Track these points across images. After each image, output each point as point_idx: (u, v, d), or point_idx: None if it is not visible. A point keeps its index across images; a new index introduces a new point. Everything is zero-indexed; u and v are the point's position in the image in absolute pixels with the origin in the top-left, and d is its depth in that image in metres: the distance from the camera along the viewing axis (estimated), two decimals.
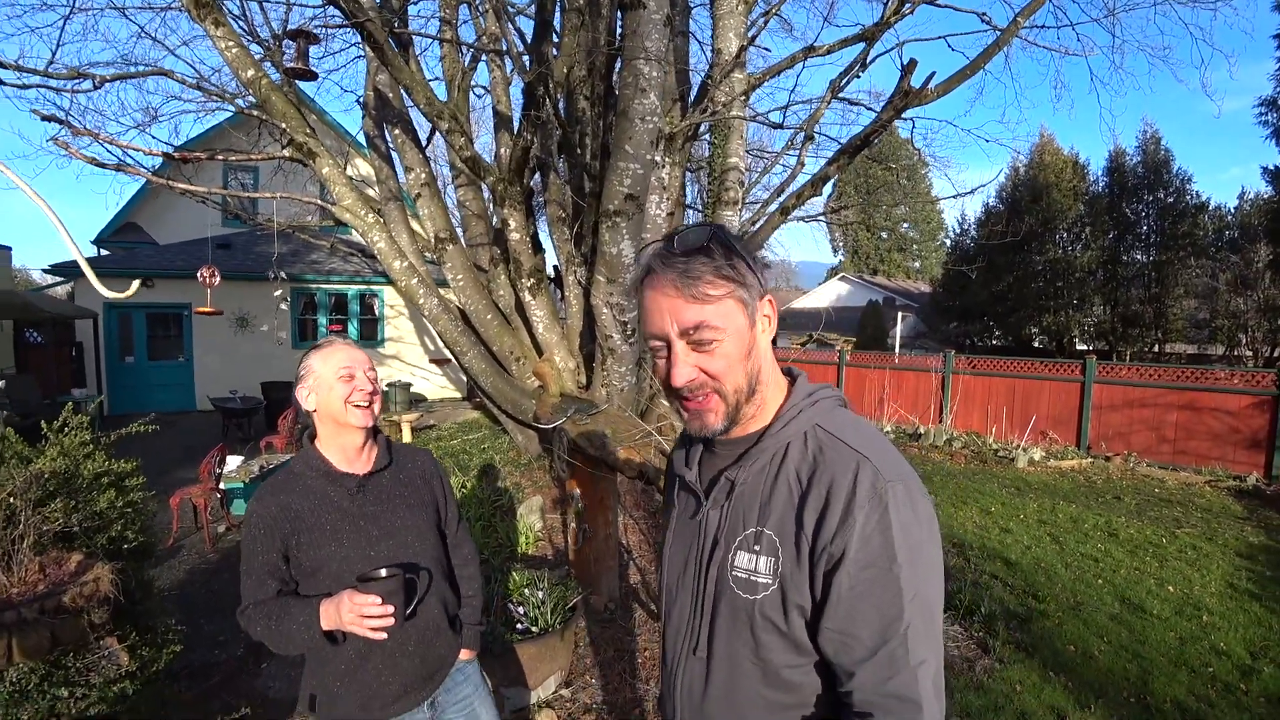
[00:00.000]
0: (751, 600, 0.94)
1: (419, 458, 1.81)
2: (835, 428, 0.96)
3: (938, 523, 0.93)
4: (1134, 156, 19.82)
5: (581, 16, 4.71)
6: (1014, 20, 4.99)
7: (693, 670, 1.03)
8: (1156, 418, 9.44)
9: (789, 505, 0.93)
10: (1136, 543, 5.88)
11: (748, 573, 0.95)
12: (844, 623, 0.87)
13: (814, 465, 0.93)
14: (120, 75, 5.27)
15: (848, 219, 13.88)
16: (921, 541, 0.87)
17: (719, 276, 0.92)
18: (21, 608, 1.75)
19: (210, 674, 3.45)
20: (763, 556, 0.94)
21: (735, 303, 0.93)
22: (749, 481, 0.99)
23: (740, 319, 0.93)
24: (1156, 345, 19.36)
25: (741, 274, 0.93)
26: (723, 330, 0.92)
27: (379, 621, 1.40)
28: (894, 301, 25.66)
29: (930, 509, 0.91)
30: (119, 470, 2.49)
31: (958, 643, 3.91)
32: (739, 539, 0.97)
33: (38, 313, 10.27)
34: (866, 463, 0.89)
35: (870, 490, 0.87)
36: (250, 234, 13.82)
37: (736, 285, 0.93)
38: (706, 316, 0.91)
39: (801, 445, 0.96)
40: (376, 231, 5.35)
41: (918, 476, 0.92)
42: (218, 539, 5.52)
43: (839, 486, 0.88)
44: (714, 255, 0.92)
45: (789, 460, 0.96)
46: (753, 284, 0.94)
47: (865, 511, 0.86)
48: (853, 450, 0.91)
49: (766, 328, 0.98)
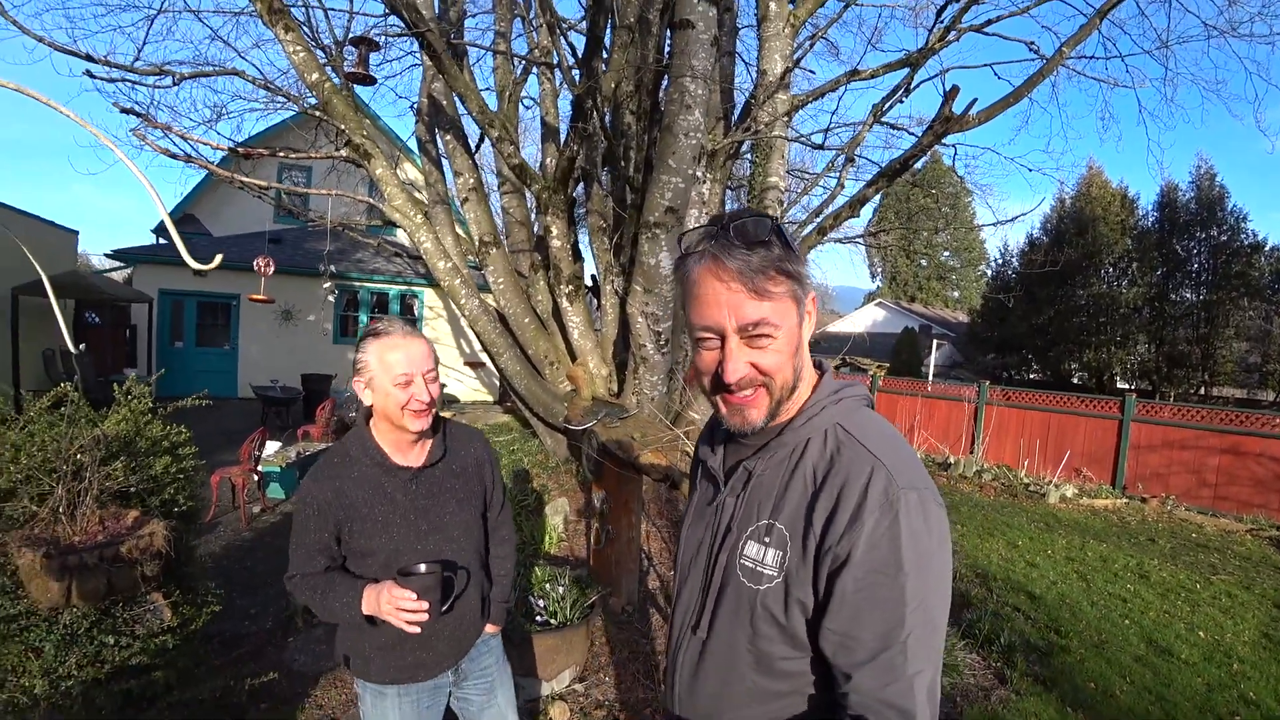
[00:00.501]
0: (755, 590, 0.95)
1: (473, 444, 1.81)
2: (856, 428, 0.96)
3: (949, 534, 0.92)
4: (1187, 192, 19.37)
5: (631, 34, 4.86)
6: (1059, 50, 4.99)
7: (692, 647, 1.06)
8: (1197, 460, 9.16)
9: (801, 501, 0.94)
10: (1168, 586, 5.73)
11: (755, 563, 0.96)
12: (845, 625, 0.87)
13: (830, 464, 0.93)
14: (197, 73, 5.58)
15: (887, 243, 13.79)
16: (930, 551, 0.87)
17: (780, 272, 0.91)
18: (83, 553, 1.89)
19: (240, 644, 3.59)
20: (771, 549, 0.95)
21: (791, 301, 0.93)
22: (766, 473, 1.00)
23: (793, 316, 0.94)
24: (1203, 387, 18.76)
25: (798, 270, 0.93)
26: (779, 327, 0.92)
27: (414, 616, 1.45)
28: (930, 329, 25.30)
29: (943, 520, 0.90)
30: (175, 438, 2.66)
31: (974, 671, 3.87)
32: (751, 529, 0.98)
33: (99, 294, 10.78)
34: (881, 467, 0.89)
35: (882, 495, 0.86)
36: (300, 231, 14.31)
37: (794, 283, 0.93)
38: (767, 314, 0.91)
39: (821, 442, 0.96)
40: (424, 232, 5.54)
41: (934, 485, 0.92)
42: (253, 519, 5.73)
43: (851, 488, 0.88)
44: (773, 248, 0.91)
45: (807, 456, 0.96)
46: (806, 281, 0.95)
47: (875, 517, 0.85)
48: (870, 453, 0.91)
49: (808, 324, 0.98)
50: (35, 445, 2.25)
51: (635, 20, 5.04)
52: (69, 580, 1.87)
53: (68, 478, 2.12)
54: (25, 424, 2.40)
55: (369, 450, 1.62)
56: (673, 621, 1.16)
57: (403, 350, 1.54)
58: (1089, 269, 19.61)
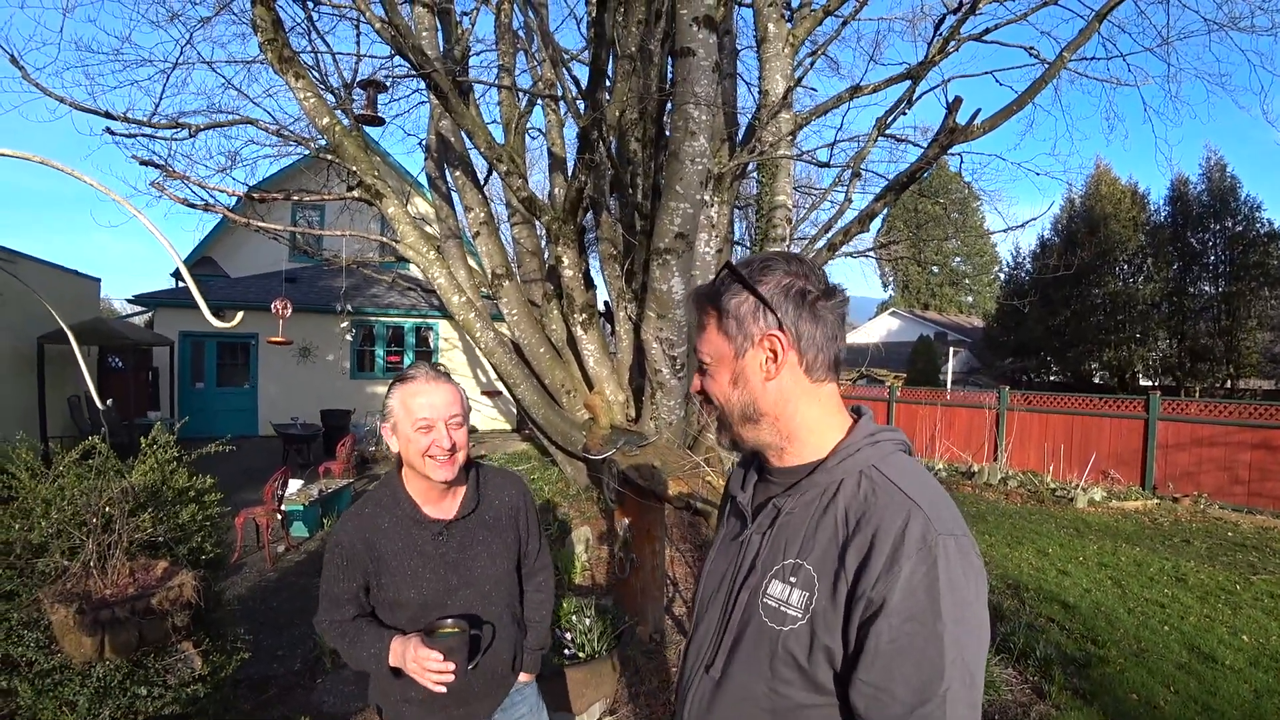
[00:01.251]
0: (777, 631, 0.92)
1: (508, 491, 1.76)
2: (892, 472, 0.94)
3: (986, 583, 0.89)
4: (1198, 185, 19.18)
5: (634, 63, 4.93)
6: (1060, 55, 5.00)
7: (704, 687, 1.02)
8: (1228, 457, 8.97)
9: (832, 543, 0.91)
10: (1207, 589, 5.58)
11: (779, 603, 0.94)
12: (880, 677, 0.83)
13: (864, 507, 0.91)
14: (213, 124, 5.74)
15: (897, 254, 13.78)
16: (969, 601, 0.84)
17: (712, 306, 1.00)
18: (115, 607, 1.91)
19: (268, 686, 3.59)
20: (797, 590, 0.92)
21: (719, 334, 1.00)
22: (796, 512, 0.98)
23: (723, 348, 0.99)
24: (1229, 381, 18.41)
25: (727, 307, 0.98)
26: (707, 355, 1.02)
27: (440, 677, 1.43)
28: (946, 337, 25.14)
29: (980, 568, 0.88)
30: (200, 487, 2.69)
31: (1011, 687, 3.78)
32: (776, 568, 0.96)
33: (121, 339, 11.00)
34: (919, 512, 0.86)
35: (920, 541, 0.84)
36: (315, 269, 14.55)
37: (721, 316, 0.99)
38: (698, 341, 1.03)
39: (855, 485, 0.94)
40: (437, 268, 5.62)
41: (970, 534, 0.90)
42: (278, 558, 5.76)
43: (886, 532, 0.86)
44: (717, 289, 1.00)
45: (840, 498, 0.94)
46: (742, 316, 0.96)
47: (913, 563, 0.83)
48: (906, 497, 0.89)
49: (766, 363, 0.97)
50: (65, 499, 2.29)
51: (637, 49, 5.12)
52: (101, 635, 1.89)
53: (98, 531, 2.15)
54: (55, 477, 2.44)
55: (400, 500, 1.60)
56: (685, 658, 1.12)
57: (425, 396, 1.52)
58: (1103, 267, 19.41)
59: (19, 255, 9.53)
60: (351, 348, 14.18)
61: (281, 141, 6.75)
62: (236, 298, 13.17)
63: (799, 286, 0.96)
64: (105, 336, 10.73)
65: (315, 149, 5.90)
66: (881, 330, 32.76)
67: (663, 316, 4.77)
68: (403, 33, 4.57)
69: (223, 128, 6.12)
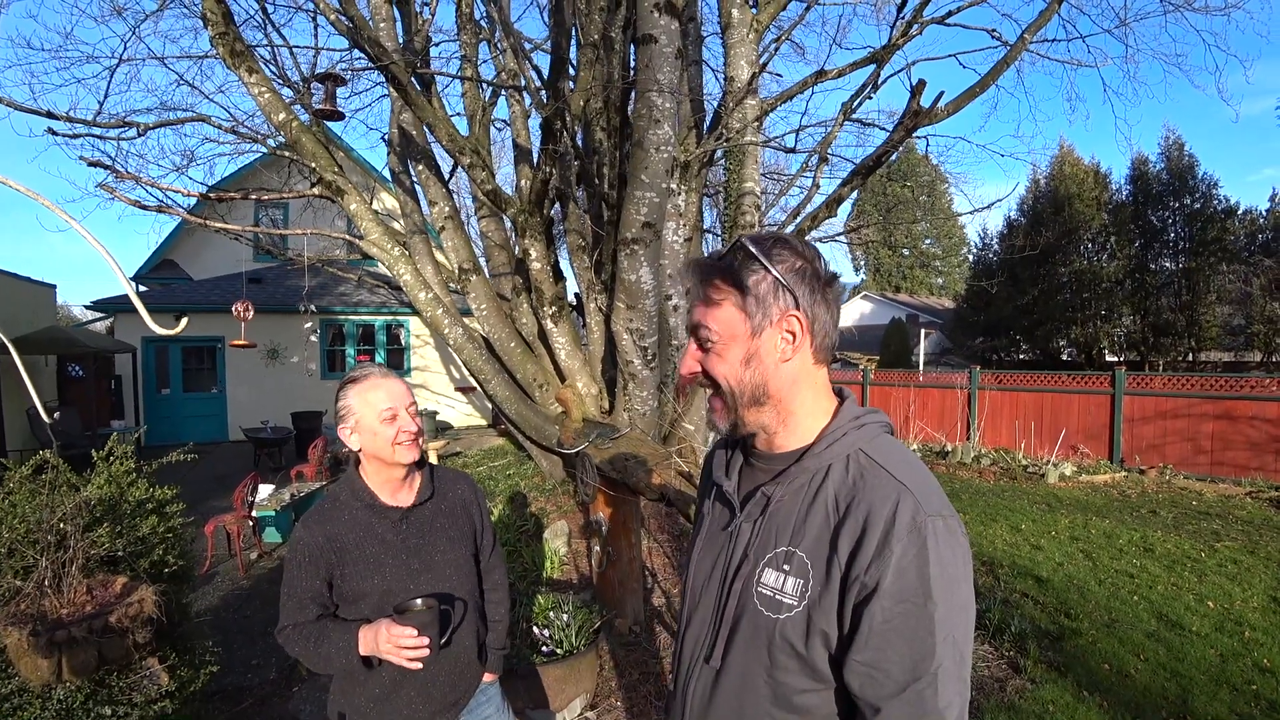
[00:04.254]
0: (774, 619, 0.93)
1: (460, 485, 1.83)
2: (879, 454, 0.95)
3: (972, 561, 0.92)
4: (1157, 163, 19.63)
5: (596, 51, 4.86)
6: (1021, 37, 5.04)
7: (704, 679, 1.03)
8: (1191, 428, 9.23)
9: (824, 528, 0.92)
10: (1174, 557, 5.74)
11: (774, 591, 0.94)
12: (873, 656, 0.85)
13: (854, 491, 0.92)
14: (162, 123, 5.55)
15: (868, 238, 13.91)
16: (958, 580, 0.86)
17: (724, 280, 0.96)
18: (71, 627, 1.85)
19: (243, 697, 3.53)
20: (791, 577, 0.93)
21: (735, 309, 0.95)
22: (785, 500, 0.98)
23: (739, 326, 0.95)
24: (1190, 354, 18.94)
25: (751, 282, 0.94)
26: (719, 334, 0.96)
27: (415, 652, 1.45)
28: (918, 318, 25.44)
29: (967, 548, 0.90)
30: (160, 498, 2.61)
31: (988, 663, 3.85)
32: (769, 556, 0.96)
33: (81, 347, 10.67)
34: (908, 494, 0.88)
35: (910, 523, 0.85)
36: (281, 269, 14.25)
37: (739, 293, 0.95)
38: (704, 317, 0.97)
39: (843, 469, 0.95)
40: (402, 264, 5.51)
41: (957, 514, 0.91)
42: (250, 565, 5.65)
43: (878, 515, 0.87)
44: (731, 263, 0.96)
45: (829, 483, 0.95)
46: (763, 294, 0.94)
47: (903, 544, 0.84)
48: (895, 480, 0.90)
49: (783, 344, 0.96)
50: (17, 517, 2.20)
51: (599, 38, 5.05)
52: (58, 656, 1.82)
53: (51, 548, 2.08)
54: (6, 494, 2.35)
55: (359, 493, 1.65)
56: (681, 651, 1.12)
57: (383, 389, 1.60)
58: (1068, 246, 19.80)
59: None
60: (321, 347, 13.94)
61: (239, 139, 6.56)
62: (199, 300, 12.85)
63: (812, 269, 0.96)
64: (63, 345, 10.40)
65: (272, 146, 5.75)
66: (854, 314, 33.09)
67: (632, 307, 4.74)
68: (358, 24, 4.45)
69: (175, 125, 5.93)
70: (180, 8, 6.46)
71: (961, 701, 0.86)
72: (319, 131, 5.54)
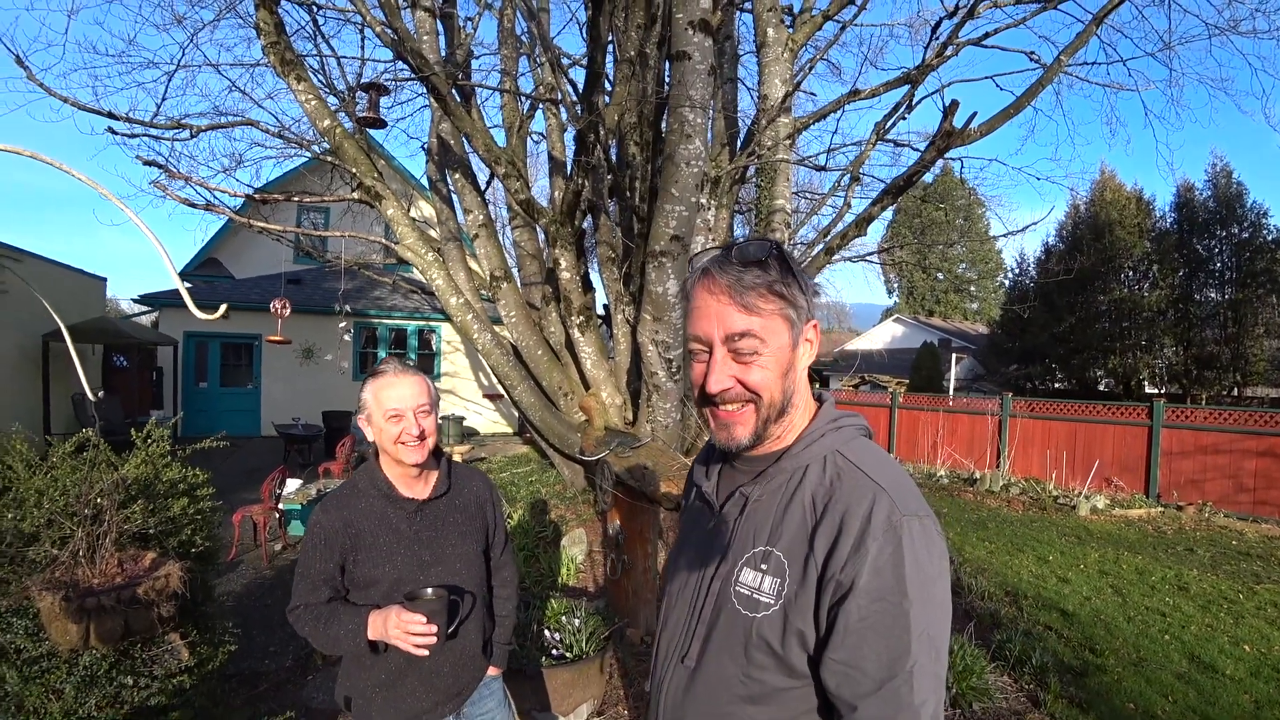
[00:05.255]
0: (751, 618, 0.93)
1: (475, 482, 1.87)
2: (855, 456, 0.96)
3: (949, 562, 0.92)
4: (1204, 191, 19.11)
5: (632, 67, 4.96)
6: (1056, 59, 5.00)
7: (679, 677, 1.03)
8: (1233, 465, 8.90)
9: (801, 529, 0.92)
10: (1209, 597, 5.54)
11: (751, 590, 0.94)
12: (849, 654, 0.85)
13: (830, 491, 0.92)
14: (214, 125, 5.79)
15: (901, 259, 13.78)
16: (933, 578, 0.87)
17: (771, 291, 0.93)
18: (101, 595, 1.93)
19: (259, 682, 3.61)
20: (768, 576, 0.93)
21: (782, 320, 0.94)
22: (764, 500, 0.98)
23: (784, 337, 0.94)
24: (1235, 388, 18.29)
25: (793, 294, 0.94)
26: (766, 344, 0.94)
27: (423, 639, 1.48)
28: (950, 343, 25.06)
29: (944, 547, 0.90)
30: (192, 480, 2.71)
31: (1006, 694, 3.76)
32: (747, 555, 0.97)
33: (126, 338, 11.08)
34: (883, 494, 0.89)
35: (885, 522, 0.86)
36: (319, 271, 14.63)
37: (786, 303, 0.94)
38: (753, 327, 0.93)
39: (820, 470, 0.96)
40: (435, 270, 5.64)
41: (933, 513, 0.92)
42: (274, 556, 5.78)
43: (854, 515, 0.88)
44: (770, 270, 0.94)
45: (806, 483, 0.95)
46: (802, 305, 0.96)
47: (879, 543, 0.85)
48: (871, 480, 0.91)
49: (808, 351, 0.98)
50: (58, 490, 2.31)
51: (635, 54, 5.15)
52: (87, 622, 1.90)
53: (88, 521, 2.17)
54: (48, 469, 2.46)
55: (376, 482, 1.69)
56: (657, 651, 1.13)
57: (395, 388, 1.62)
58: (1108, 274, 19.34)
59: (25, 253, 9.61)
60: (354, 349, 14.24)
61: (284, 144, 6.81)
62: (240, 298, 13.24)
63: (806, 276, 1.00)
64: (110, 335, 10.80)
65: (317, 151, 5.95)
66: (885, 337, 32.68)
67: (658, 319, 4.78)
68: (403, 37, 4.61)
69: (225, 129, 6.18)
70: (235, 18, 6.75)
71: (936, 699, 0.86)
72: (361, 139, 5.73)
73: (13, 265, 8.25)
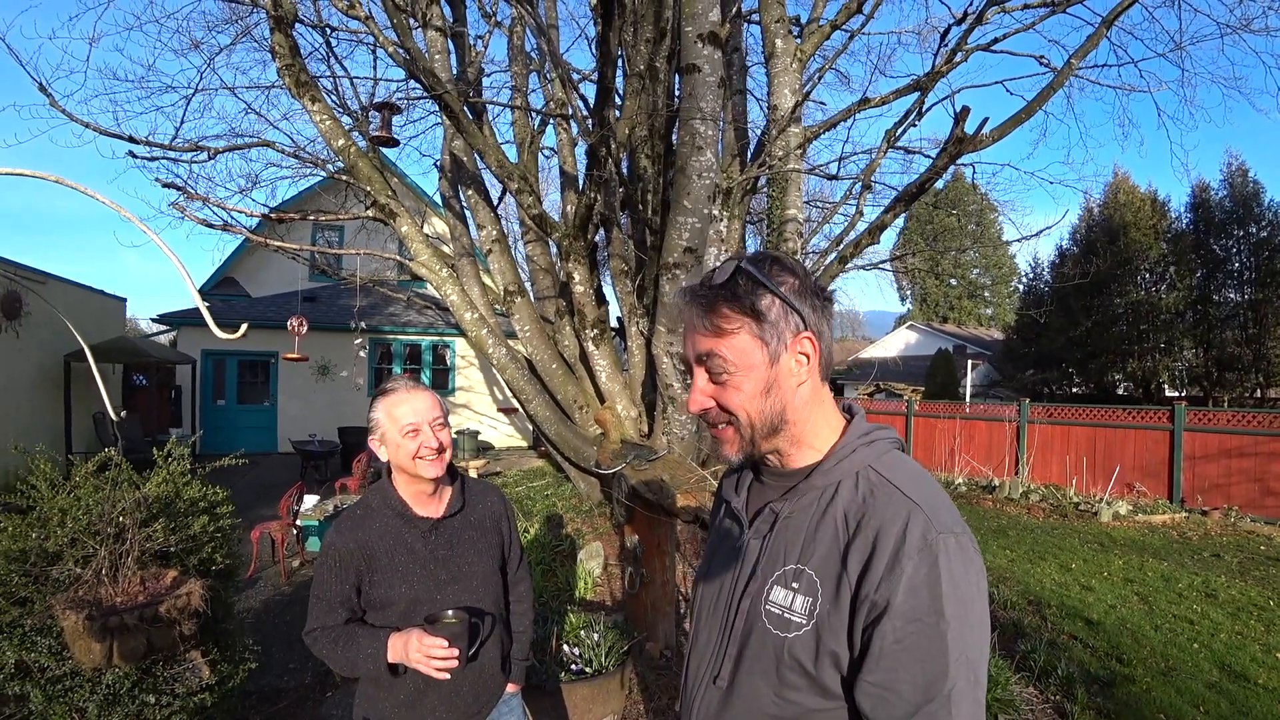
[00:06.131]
0: (782, 638, 0.91)
1: (489, 498, 1.85)
2: (889, 471, 0.93)
3: (986, 579, 0.89)
4: (1219, 190, 18.92)
5: (642, 81, 4.99)
6: (1067, 63, 4.98)
7: (711, 698, 1.00)
8: (1259, 468, 8.74)
9: (834, 546, 0.90)
10: (1239, 605, 5.42)
11: (782, 609, 0.93)
12: (885, 677, 0.83)
13: (864, 508, 0.90)
14: (231, 147, 5.89)
15: (913, 265, 13.69)
16: (971, 598, 0.84)
17: (734, 310, 0.92)
18: (124, 614, 1.94)
19: (278, 698, 3.61)
20: (800, 595, 0.91)
21: (751, 338, 0.92)
22: (794, 516, 0.96)
23: (756, 355, 0.93)
24: (1258, 390, 17.99)
25: (760, 310, 0.92)
26: (734, 364, 0.93)
27: (444, 663, 1.47)
28: (965, 349, 24.85)
29: (981, 565, 0.88)
30: (212, 498, 2.73)
31: (1032, 707, 3.69)
32: (777, 573, 0.95)
33: (145, 357, 11.24)
34: (919, 511, 0.86)
35: (921, 540, 0.84)
36: (334, 288, 14.78)
37: (752, 320, 0.92)
38: (716, 347, 0.93)
39: (852, 486, 0.93)
40: (450, 285, 5.68)
41: (969, 530, 0.89)
42: (292, 573, 5.80)
43: (888, 533, 0.85)
44: (736, 289, 0.93)
45: (838, 500, 0.93)
46: (775, 319, 0.92)
47: (914, 562, 0.83)
48: (905, 497, 0.89)
49: (801, 367, 0.95)
50: (81, 509, 2.33)
51: (645, 68, 5.18)
52: (110, 641, 1.92)
53: (110, 540, 2.19)
54: (71, 489, 2.49)
55: (390, 502, 1.67)
56: (687, 671, 1.10)
57: (408, 403, 1.62)
58: (1124, 276, 19.13)
59: (48, 276, 9.79)
60: (369, 365, 14.35)
61: (299, 163, 6.91)
62: (256, 316, 13.38)
63: (811, 286, 0.96)
64: (129, 354, 10.96)
65: (331, 170, 6.03)
66: (900, 344, 32.48)
67: (673, 331, 4.78)
68: (415, 56, 4.67)
69: (241, 150, 6.29)
70: (251, 42, 6.88)
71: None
72: (375, 157, 5.80)
73: (36, 288, 8.40)
